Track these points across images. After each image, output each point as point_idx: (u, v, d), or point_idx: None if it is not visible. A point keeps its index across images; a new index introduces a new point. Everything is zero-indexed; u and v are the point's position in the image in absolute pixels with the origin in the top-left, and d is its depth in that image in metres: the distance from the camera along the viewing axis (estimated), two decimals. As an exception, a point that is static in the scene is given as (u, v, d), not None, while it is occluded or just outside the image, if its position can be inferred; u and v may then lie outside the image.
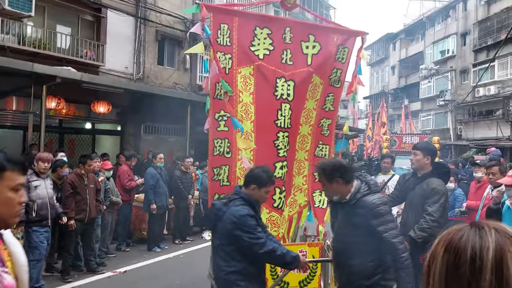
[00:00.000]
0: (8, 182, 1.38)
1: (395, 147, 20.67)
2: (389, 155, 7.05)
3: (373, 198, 3.06)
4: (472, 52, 27.32)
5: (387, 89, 39.02)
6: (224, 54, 4.27)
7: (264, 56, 4.34)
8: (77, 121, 12.44)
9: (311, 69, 4.49)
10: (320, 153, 4.73)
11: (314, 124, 4.67)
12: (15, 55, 9.62)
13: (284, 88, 4.38)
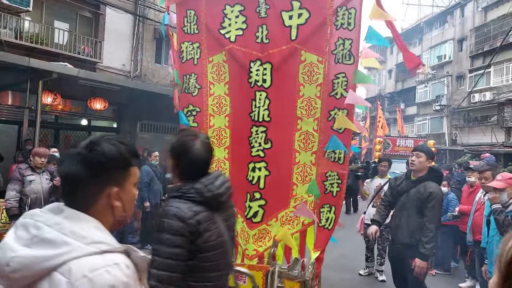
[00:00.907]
0: (133, 178, 1.30)
1: (389, 150, 20.31)
2: (386, 159, 6.90)
3: None
4: (469, 58, 27.49)
5: (383, 92, 39.17)
6: (191, 44, 3.81)
7: (237, 37, 3.68)
8: (73, 117, 12.41)
9: (297, 44, 3.56)
10: (333, 155, 3.61)
11: (320, 117, 3.60)
12: (12, 50, 9.59)
13: (260, 72, 3.59)
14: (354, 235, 10.55)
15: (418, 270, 3.89)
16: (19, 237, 1.08)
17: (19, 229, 1.09)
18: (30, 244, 1.06)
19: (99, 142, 1.24)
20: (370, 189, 6.61)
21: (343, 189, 3.59)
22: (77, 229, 1.09)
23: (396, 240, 4.28)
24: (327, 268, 7.26)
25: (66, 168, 1.20)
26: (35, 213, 1.13)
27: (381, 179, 6.55)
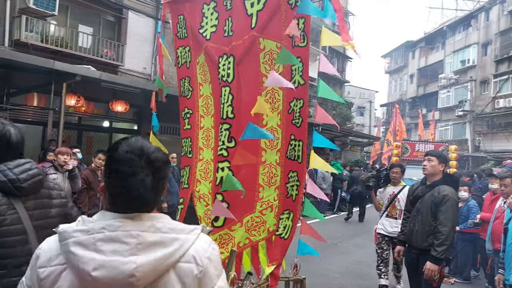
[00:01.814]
0: None
1: (407, 155, 19.36)
2: (399, 164, 6.42)
3: None
4: (493, 63, 26.96)
5: (405, 97, 38.70)
6: (184, 48, 3.77)
7: (211, 35, 3.51)
8: (95, 119, 12.67)
9: (256, 32, 3.23)
10: (293, 153, 3.24)
11: (282, 110, 3.25)
12: (38, 53, 9.86)
13: (225, 67, 3.38)
14: (370, 241, 10.48)
15: (428, 273, 3.85)
16: (117, 251, 1.13)
17: (107, 243, 1.14)
18: (136, 252, 1.14)
19: (157, 150, 1.28)
20: (383, 199, 6.20)
21: (301, 192, 3.19)
22: (170, 225, 1.22)
23: (411, 246, 4.25)
24: (344, 275, 7.24)
25: (154, 176, 1.23)
26: (115, 225, 1.17)
27: (394, 187, 6.06)
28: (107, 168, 1.23)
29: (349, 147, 25.93)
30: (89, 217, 1.22)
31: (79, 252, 1.13)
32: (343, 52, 27.81)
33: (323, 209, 14.70)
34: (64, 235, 1.17)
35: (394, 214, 5.92)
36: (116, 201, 1.21)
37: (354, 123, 28.06)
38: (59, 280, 1.15)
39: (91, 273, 1.11)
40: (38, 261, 1.19)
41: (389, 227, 5.93)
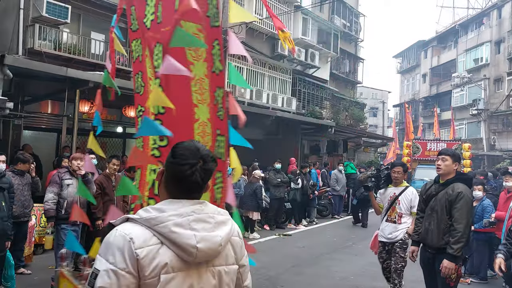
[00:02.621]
0: None
1: (418, 154, 18.82)
2: (400, 163, 5.77)
3: None
4: (507, 60, 26.61)
5: (417, 97, 38.37)
6: (136, 41, 3.38)
7: (151, 23, 3.16)
8: (109, 125, 12.80)
9: (178, 15, 2.92)
10: (218, 151, 3.03)
11: (210, 102, 3.02)
12: (51, 60, 10.02)
13: (157, 57, 3.06)
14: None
15: (444, 271, 3.84)
16: (204, 228, 1.48)
17: (198, 223, 1.47)
18: (215, 228, 1.51)
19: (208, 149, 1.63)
20: (384, 201, 5.59)
21: (224, 196, 2.95)
22: (220, 210, 1.59)
23: (426, 245, 4.23)
24: (359, 276, 7.20)
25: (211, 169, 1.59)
26: (199, 209, 1.51)
27: (395, 188, 5.45)
28: (180, 164, 1.52)
29: (362, 148, 25.78)
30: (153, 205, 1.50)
31: (181, 231, 1.43)
32: (354, 53, 27.70)
33: (339, 210, 14.62)
34: (159, 219, 1.43)
35: (393, 218, 5.38)
36: (185, 190, 1.53)
37: (367, 124, 27.85)
38: (158, 257, 1.41)
39: (196, 245, 1.43)
40: (133, 245, 1.39)
41: (387, 233, 5.40)
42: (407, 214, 5.30)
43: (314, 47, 20.76)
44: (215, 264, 1.52)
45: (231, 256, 1.58)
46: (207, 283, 1.49)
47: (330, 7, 23.88)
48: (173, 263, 1.42)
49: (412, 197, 5.28)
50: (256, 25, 17.05)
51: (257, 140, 17.78)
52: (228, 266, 1.56)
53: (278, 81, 18.87)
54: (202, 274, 1.49)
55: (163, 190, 1.57)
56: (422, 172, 17.01)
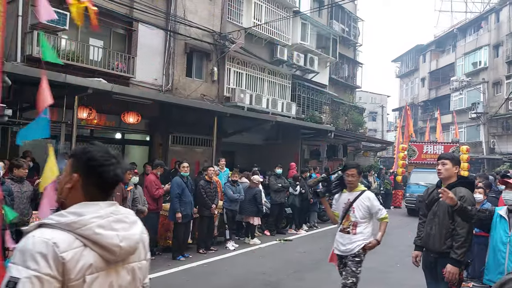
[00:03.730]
0: None
1: (414, 158, 18.32)
2: (355, 165, 4.89)
3: None
4: (505, 64, 26.67)
5: (416, 101, 38.41)
6: None
7: None
8: (107, 131, 12.78)
9: None
10: None
11: None
12: (49, 67, 9.94)
13: None
14: (382, 247, 10.35)
15: (448, 275, 3.83)
16: (124, 228, 1.57)
17: (118, 223, 1.56)
18: (131, 227, 1.61)
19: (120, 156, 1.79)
20: (339, 208, 4.84)
21: None
22: (128, 210, 1.70)
23: (428, 249, 4.20)
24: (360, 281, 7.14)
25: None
26: (115, 211, 1.59)
27: (349, 193, 4.74)
28: (103, 165, 1.59)
29: (362, 152, 25.76)
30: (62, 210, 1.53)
31: (104, 232, 1.49)
32: (353, 58, 27.76)
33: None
34: (81, 223, 1.46)
35: (347, 227, 4.66)
36: (107, 189, 1.62)
37: (366, 128, 27.86)
38: (82, 259, 1.45)
39: (119, 244, 1.52)
40: (57, 249, 1.41)
41: (341, 245, 4.71)
42: (363, 223, 4.64)
43: (313, 52, 20.79)
44: (129, 261, 1.62)
45: (142, 253, 1.69)
46: (124, 279, 1.59)
47: (329, 12, 23.95)
48: (96, 263, 1.48)
49: (369, 203, 4.61)
50: (255, 30, 17.09)
51: (257, 145, 17.78)
52: (141, 262, 1.68)
53: (278, 86, 18.89)
54: (119, 271, 1.57)
55: (78, 194, 1.57)
56: (417, 176, 16.74)
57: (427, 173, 16.18)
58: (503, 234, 3.76)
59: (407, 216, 16.41)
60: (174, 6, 13.88)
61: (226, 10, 16.09)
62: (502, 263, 3.69)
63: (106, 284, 1.51)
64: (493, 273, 3.74)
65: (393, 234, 12.59)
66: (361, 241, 4.61)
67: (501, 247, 3.75)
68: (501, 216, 3.85)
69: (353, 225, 4.63)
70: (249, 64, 17.37)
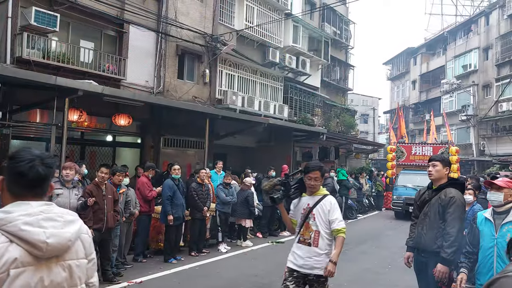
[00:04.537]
0: None
1: (403, 159, 18.00)
2: (317, 166, 4.10)
3: None
4: (495, 67, 26.95)
5: (407, 103, 38.66)
6: None
7: None
8: (98, 134, 12.69)
9: None
10: None
11: None
12: (40, 69, 9.92)
13: None
14: (376, 249, 10.42)
15: (438, 274, 3.88)
16: (54, 226, 1.63)
17: (47, 221, 1.62)
18: (64, 226, 1.67)
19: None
20: (297, 215, 4.10)
21: None
22: (69, 211, 1.78)
23: (420, 249, 4.26)
24: (353, 283, 7.16)
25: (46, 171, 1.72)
26: (47, 209, 1.66)
27: (310, 197, 4.05)
28: (18, 162, 1.66)
29: (354, 154, 25.85)
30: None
31: (30, 229, 1.56)
32: (345, 60, 27.87)
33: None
34: (7, 220, 1.55)
35: (307, 238, 3.93)
36: (28, 185, 1.67)
37: (358, 130, 27.96)
38: (7, 254, 1.52)
39: (46, 240, 1.57)
40: None
41: (299, 258, 3.92)
42: (327, 234, 3.91)
43: (305, 54, 20.85)
44: (66, 259, 1.68)
45: (81, 251, 1.75)
46: (58, 276, 1.64)
47: (321, 15, 24.04)
48: (22, 258, 1.54)
49: (331, 208, 3.91)
50: (246, 32, 17.10)
51: (249, 148, 17.77)
52: (79, 260, 1.74)
53: (270, 89, 18.90)
54: (52, 268, 1.63)
55: (7, 195, 1.67)
56: (404, 178, 16.52)
57: (414, 175, 16.06)
58: (490, 237, 3.76)
59: (396, 219, 16.16)
60: (166, 8, 13.84)
61: (218, 12, 16.08)
62: (492, 267, 3.70)
63: (35, 278, 1.57)
64: (484, 277, 3.75)
65: (386, 236, 12.65)
66: (327, 259, 3.85)
67: (489, 250, 3.75)
68: (486, 219, 3.86)
69: (315, 234, 3.89)
70: (241, 66, 17.37)
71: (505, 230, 3.67)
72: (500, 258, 3.63)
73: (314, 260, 3.84)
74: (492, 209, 3.89)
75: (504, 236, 3.65)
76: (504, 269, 1.62)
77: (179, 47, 14.38)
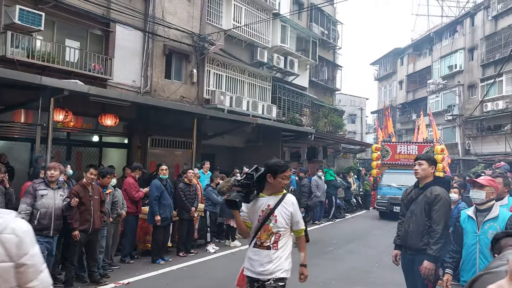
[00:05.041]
0: None
1: (387, 158, 17.74)
2: (287, 164, 3.82)
3: None
4: (480, 67, 27.31)
5: (394, 103, 38.99)
6: None
7: None
8: (84, 134, 12.54)
9: None
10: None
11: None
12: (25, 69, 9.77)
13: None
14: (364, 247, 10.48)
15: (424, 271, 3.95)
16: None
17: None
18: None
19: None
20: (253, 217, 3.66)
21: None
22: None
23: (407, 247, 4.33)
24: (339, 282, 7.20)
25: None
26: None
27: (269, 197, 3.63)
28: None
29: (342, 154, 25.98)
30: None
31: None
32: (333, 61, 28.00)
33: (319, 217, 14.65)
34: None
35: (266, 241, 3.53)
36: None
37: (346, 130, 28.12)
38: None
39: None
40: None
41: (257, 265, 3.54)
42: (286, 235, 3.58)
43: (293, 54, 20.90)
44: None
45: (2, 253, 1.61)
46: None
47: (308, 15, 24.12)
48: None
49: (293, 209, 3.59)
50: (234, 32, 17.07)
51: (238, 148, 17.74)
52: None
53: (258, 89, 18.90)
54: None
55: None
56: (389, 178, 16.33)
57: (399, 174, 15.90)
58: (473, 235, 3.83)
59: (380, 220, 15.98)
60: (153, 7, 13.75)
61: (206, 11, 16.03)
62: (474, 263, 3.77)
63: None
64: (468, 273, 3.81)
65: (373, 235, 12.73)
66: (287, 262, 3.54)
67: (472, 247, 3.82)
68: (469, 217, 3.93)
69: (275, 237, 3.52)
70: (229, 66, 17.33)
71: (487, 227, 3.75)
72: (483, 255, 3.70)
73: (274, 264, 3.46)
74: (474, 207, 3.97)
75: (486, 233, 3.72)
76: (487, 266, 1.63)
77: (167, 47, 14.30)
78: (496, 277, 1.30)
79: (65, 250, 6.65)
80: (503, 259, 1.54)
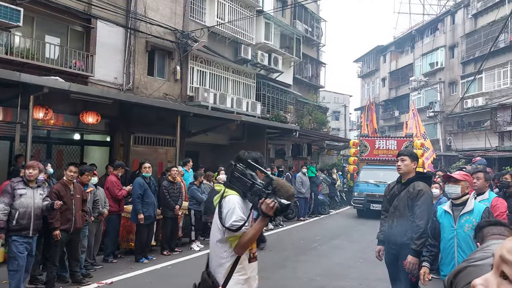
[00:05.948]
0: None
1: (366, 154, 17.07)
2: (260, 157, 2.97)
3: None
4: (460, 64, 27.74)
5: (378, 100, 39.34)
6: None
7: None
8: (65, 132, 12.32)
9: None
10: None
11: None
12: (3, 65, 9.54)
13: None
14: (348, 243, 10.57)
15: (408, 266, 4.00)
16: None
17: None
18: None
19: None
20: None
21: None
22: None
23: (390, 242, 4.36)
24: (325, 277, 7.23)
25: None
26: None
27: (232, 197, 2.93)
28: None
29: (326, 151, 26.11)
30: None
31: None
32: (316, 58, 28.10)
33: (304, 213, 14.72)
34: None
35: (255, 250, 2.80)
36: None
37: (330, 127, 28.25)
38: None
39: None
40: None
41: (255, 282, 2.71)
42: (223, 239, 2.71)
43: (277, 51, 20.89)
44: None
45: None
46: None
47: (292, 12, 24.13)
48: None
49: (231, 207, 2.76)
50: (218, 29, 16.98)
51: (222, 145, 17.67)
52: None
53: (242, 86, 18.84)
54: None
55: None
56: (366, 174, 15.74)
57: (377, 170, 15.45)
58: (450, 229, 3.88)
59: (357, 218, 15.54)
60: (135, 3, 13.56)
61: (189, 8, 15.90)
62: (453, 257, 3.82)
63: None
64: (447, 267, 3.86)
65: (357, 230, 12.84)
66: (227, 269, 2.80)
67: (449, 242, 3.87)
68: (445, 211, 3.98)
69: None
70: (212, 63, 17.24)
71: (463, 221, 3.81)
72: (461, 249, 3.76)
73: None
74: (450, 202, 4.02)
75: (463, 226, 3.78)
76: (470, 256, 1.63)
77: (149, 43, 14.14)
78: (481, 270, 1.30)
79: (46, 250, 6.52)
80: (486, 250, 1.54)
